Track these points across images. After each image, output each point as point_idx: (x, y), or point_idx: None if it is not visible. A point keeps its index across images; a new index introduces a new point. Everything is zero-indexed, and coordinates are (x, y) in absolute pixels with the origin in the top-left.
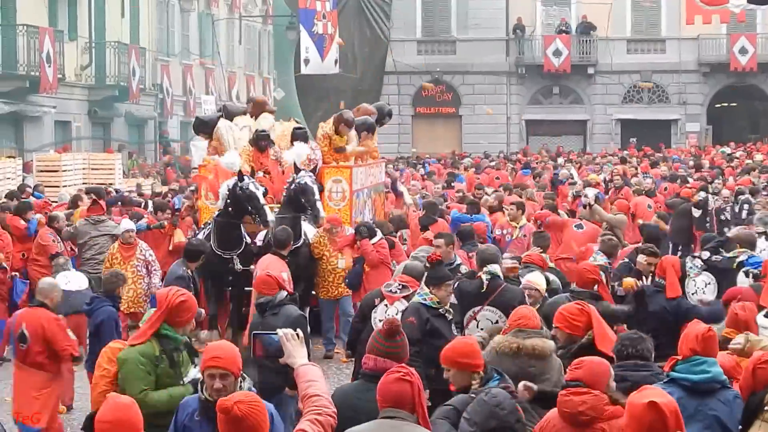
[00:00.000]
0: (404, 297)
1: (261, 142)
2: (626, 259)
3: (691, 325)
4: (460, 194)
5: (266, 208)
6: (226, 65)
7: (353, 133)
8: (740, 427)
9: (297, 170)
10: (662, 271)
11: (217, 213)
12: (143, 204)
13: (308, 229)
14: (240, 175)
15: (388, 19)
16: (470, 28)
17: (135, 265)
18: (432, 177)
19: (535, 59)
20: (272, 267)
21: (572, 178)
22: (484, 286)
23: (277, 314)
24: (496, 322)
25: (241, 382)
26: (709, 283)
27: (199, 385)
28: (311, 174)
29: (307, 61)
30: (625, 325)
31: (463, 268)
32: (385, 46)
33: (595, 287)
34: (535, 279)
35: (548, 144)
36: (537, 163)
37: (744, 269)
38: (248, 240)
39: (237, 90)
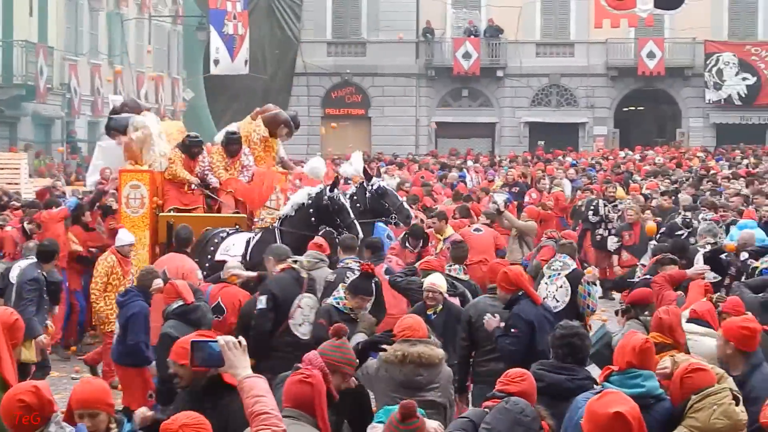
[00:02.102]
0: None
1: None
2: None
3: (627, 336)
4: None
5: (356, 222)
6: (134, 65)
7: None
8: None
9: (368, 177)
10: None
11: (279, 221)
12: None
13: None
14: (334, 183)
15: (299, 20)
16: (381, 30)
17: (131, 279)
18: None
19: (445, 62)
20: (186, 266)
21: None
22: (302, 274)
23: None
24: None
25: (111, 423)
26: (561, 287)
27: None
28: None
29: (217, 62)
30: None
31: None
32: (295, 47)
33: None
34: (437, 281)
35: (457, 147)
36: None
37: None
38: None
39: (146, 90)
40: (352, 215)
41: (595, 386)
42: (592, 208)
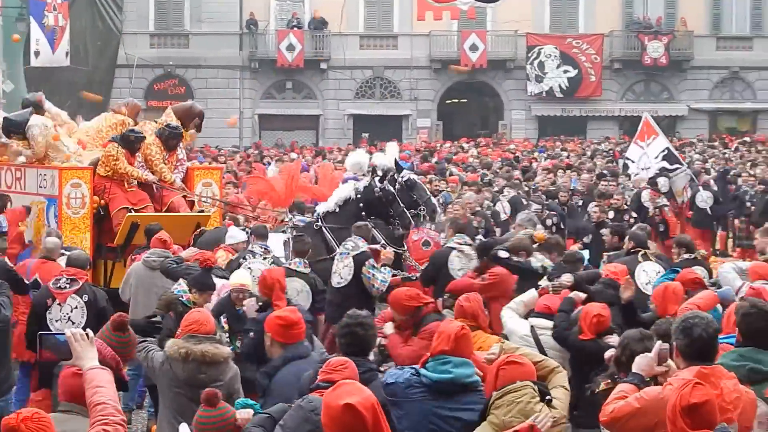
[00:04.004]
0: (75, 291)
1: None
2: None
3: (446, 323)
4: None
5: (405, 210)
6: None
7: None
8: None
9: (399, 169)
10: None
11: (320, 218)
12: None
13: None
14: (383, 176)
15: (121, 11)
16: (204, 21)
17: None
18: None
19: (269, 54)
20: None
21: None
22: None
23: None
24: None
25: None
26: (347, 266)
27: None
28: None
29: (37, 54)
30: None
31: None
32: (117, 39)
33: None
34: (244, 281)
35: (282, 138)
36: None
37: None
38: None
39: None
40: (402, 204)
41: (379, 376)
42: None
